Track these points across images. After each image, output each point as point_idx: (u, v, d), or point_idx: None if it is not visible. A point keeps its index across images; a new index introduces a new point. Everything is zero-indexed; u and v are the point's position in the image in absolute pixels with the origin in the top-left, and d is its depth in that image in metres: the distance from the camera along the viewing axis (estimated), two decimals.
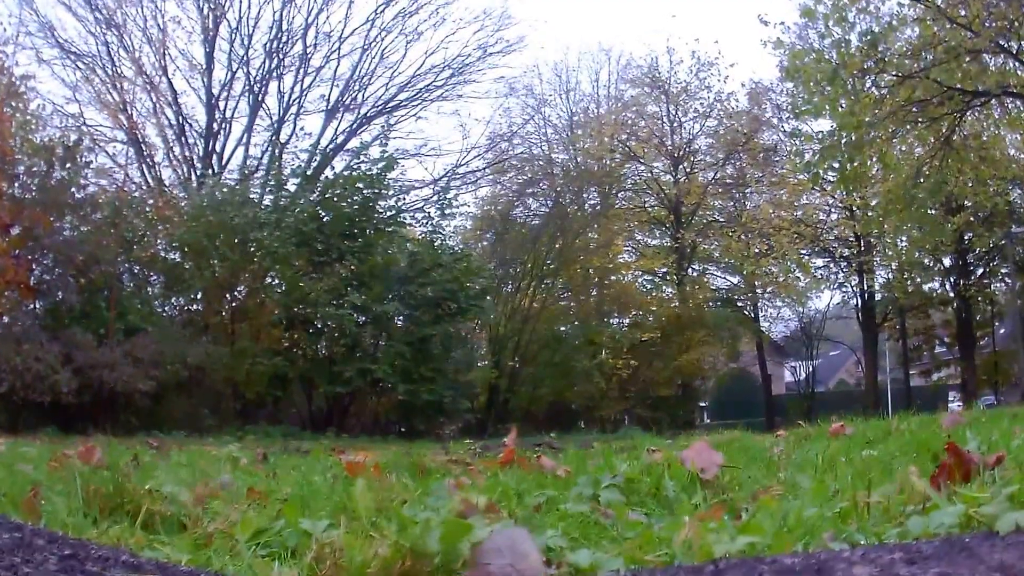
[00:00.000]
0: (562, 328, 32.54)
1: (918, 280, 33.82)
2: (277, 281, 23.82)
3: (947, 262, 33.78)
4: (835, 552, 1.60)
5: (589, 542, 2.08)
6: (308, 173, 26.44)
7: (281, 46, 31.45)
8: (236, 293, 23.46)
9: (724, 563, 1.57)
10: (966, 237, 30.00)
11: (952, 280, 33.62)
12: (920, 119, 18.47)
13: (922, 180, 19.99)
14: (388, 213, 24.89)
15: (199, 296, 23.29)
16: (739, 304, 37.76)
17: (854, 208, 31.09)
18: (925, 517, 1.91)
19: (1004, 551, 1.51)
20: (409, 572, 1.71)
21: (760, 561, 1.55)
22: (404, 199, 27.72)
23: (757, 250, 33.35)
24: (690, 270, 36.36)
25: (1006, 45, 17.24)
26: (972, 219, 27.31)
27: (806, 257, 34.68)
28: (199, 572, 1.68)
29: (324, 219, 23.21)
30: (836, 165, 19.93)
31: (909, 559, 1.50)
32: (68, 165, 19.36)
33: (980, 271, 33.68)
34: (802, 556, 1.58)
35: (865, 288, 33.70)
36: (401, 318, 23.46)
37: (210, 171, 28.46)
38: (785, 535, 1.89)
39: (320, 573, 1.80)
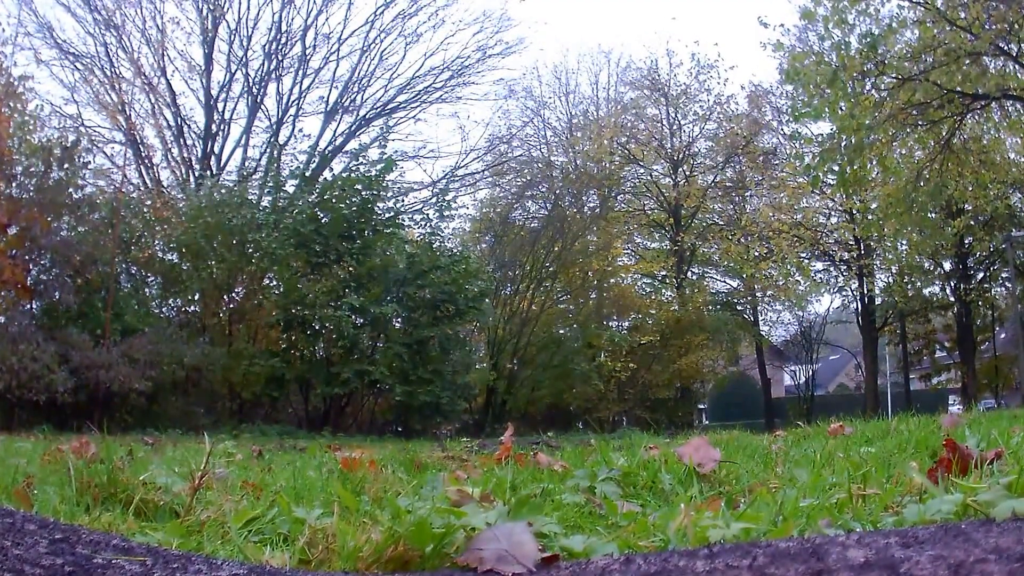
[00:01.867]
0: (561, 331, 32.50)
1: (918, 284, 33.78)
2: (275, 282, 23.80)
3: (947, 266, 33.78)
4: (830, 537, 1.59)
5: (584, 530, 2.07)
6: (306, 174, 26.47)
7: (280, 47, 31.55)
8: (234, 294, 23.44)
9: (718, 547, 1.56)
10: (966, 241, 30.04)
11: (952, 284, 33.58)
12: (920, 122, 18.46)
13: (922, 183, 19.98)
14: (387, 215, 24.87)
15: (196, 297, 23.27)
16: (739, 307, 37.72)
17: (854, 211, 31.08)
18: (922, 505, 1.90)
19: (1000, 536, 1.50)
20: (402, 557, 1.70)
21: (755, 545, 1.54)
22: (403, 201, 27.77)
23: (756, 253, 33.31)
24: (689, 273, 36.33)
25: (1006, 48, 17.24)
26: (972, 223, 27.31)
27: (806, 260, 34.61)
28: (190, 555, 1.67)
29: (322, 221, 23.18)
30: (836, 168, 19.86)
31: (904, 543, 1.49)
32: (66, 165, 19.38)
33: (980, 275, 33.64)
34: (797, 540, 1.56)
35: (865, 292, 33.61)
36: (399, 320, 23.43)
37: (208, 172, 28.47)
38: (781, 522, 1.88)
39: (313, 557, 1.79)
